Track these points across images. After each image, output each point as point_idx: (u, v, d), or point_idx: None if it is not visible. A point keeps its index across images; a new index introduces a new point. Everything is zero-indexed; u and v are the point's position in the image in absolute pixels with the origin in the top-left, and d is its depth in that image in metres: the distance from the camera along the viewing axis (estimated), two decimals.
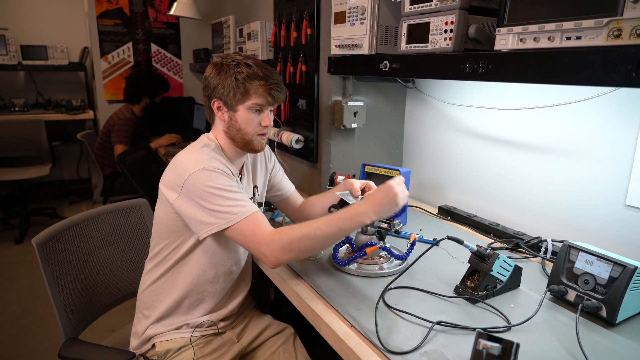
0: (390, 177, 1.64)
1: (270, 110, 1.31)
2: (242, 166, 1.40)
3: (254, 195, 1.44)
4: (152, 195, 1.34)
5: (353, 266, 1.29)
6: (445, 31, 1.19)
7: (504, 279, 1.14)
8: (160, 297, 1.32)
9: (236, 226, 1.16)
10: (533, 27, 0.97)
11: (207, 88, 1.29)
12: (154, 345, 1.32)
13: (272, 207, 1.73)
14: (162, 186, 1.26)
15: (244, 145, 1.30)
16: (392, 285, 1.15)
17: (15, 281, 3.08)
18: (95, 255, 1.52)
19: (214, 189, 1.16)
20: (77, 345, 1.24)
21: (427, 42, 1.25)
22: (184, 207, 1.19)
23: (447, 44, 1.19)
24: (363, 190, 1.33)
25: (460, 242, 1.15)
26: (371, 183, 1.34)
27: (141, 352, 1.33)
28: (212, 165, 1.19)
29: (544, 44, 0.96)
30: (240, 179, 1.37)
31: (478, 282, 1.13)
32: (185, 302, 1.32)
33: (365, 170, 1.70)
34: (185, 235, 1.26)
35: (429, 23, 1.24)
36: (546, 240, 1.40)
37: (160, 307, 1.32)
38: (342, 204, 1.30)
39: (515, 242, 1.46)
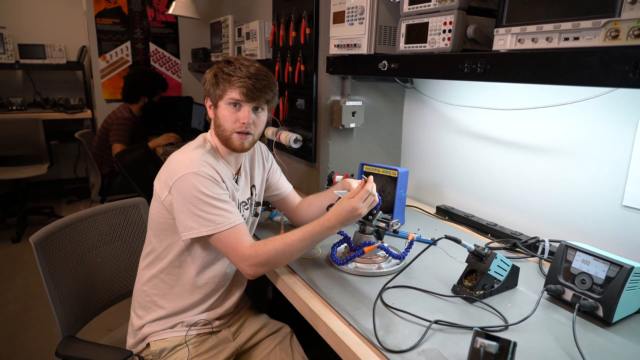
0: (389, 177, 1.65)
1: (257, 109, 1.28)
2: (240, 166, 1.40)
3: (252, 194, 1.44)
4: (149, 195, 1.34)
5: (351, 265, 1.29)
6: (444, 31, 1.19)
7: (501, 278, 1.15)
8: (154, 297, 1.32)
9: (218, 235, 1.18)
10: (531, 28, 0.97)
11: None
12: (148, 345, 1.32)
13: (270, 206, 1.73)
14: (156, 183, 1.28)
15: (225, 143, 1.29)
16: (390, 285, 1.16)
17: (13, 280, 3.07)
18: (93, 254, 1.52)
19: (202, 194, 1.17)
20: (74, 344, 1.24)
21: (425, 42, 1.26)
22: (171, 206, 1.21)
23: (446, 44, 1.19)
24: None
25: (458, 241, 1.15)
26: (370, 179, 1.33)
27: (137, 352, 1.33)
28: (203, 170, 1.19)
29: (542, 44, 0.97)
30: (237, 180, 1.37)
31: (476, 282, 1.13)
32: (179, 301, 1.32)
33: (364, 170, 1.71)
34: (177, 235, 1.26)
35: (427, 23, 1.24)
36: (543, 240, 1.40)
37: (154, 307, 1.32)
38: None
39: (512, 242, 1.46)
